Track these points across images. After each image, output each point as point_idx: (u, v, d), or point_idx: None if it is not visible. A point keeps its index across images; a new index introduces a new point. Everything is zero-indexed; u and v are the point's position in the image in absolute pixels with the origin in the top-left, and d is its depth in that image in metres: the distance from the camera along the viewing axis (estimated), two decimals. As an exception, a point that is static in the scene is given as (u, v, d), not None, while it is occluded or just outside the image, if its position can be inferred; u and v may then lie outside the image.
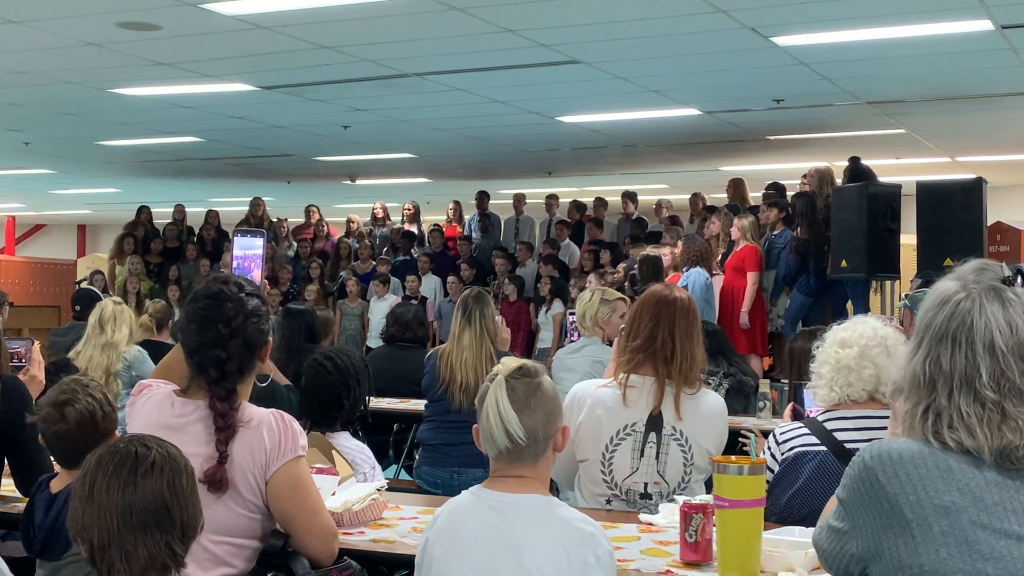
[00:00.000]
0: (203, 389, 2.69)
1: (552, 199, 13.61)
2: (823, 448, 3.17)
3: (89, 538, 2.06)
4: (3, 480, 3.59)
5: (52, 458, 3.34)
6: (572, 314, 6.63)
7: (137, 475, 2.07)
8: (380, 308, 11.71)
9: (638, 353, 3.50)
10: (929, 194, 8.96)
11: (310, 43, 7.74)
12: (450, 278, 12.10)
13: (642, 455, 3.44)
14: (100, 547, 2.05)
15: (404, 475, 6.82)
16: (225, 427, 2.62)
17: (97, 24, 7.23)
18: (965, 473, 1.81)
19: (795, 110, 10.20)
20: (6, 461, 3.54)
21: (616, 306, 6.08)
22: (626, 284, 9.83)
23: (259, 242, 3.44)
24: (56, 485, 3.22)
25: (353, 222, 14.69)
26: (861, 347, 3.17)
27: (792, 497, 3.20)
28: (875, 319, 3.29)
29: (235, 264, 3.39)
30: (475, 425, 2.46)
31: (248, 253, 3.40)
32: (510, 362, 2.47)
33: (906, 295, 6.50)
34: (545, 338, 11.44)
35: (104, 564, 2.06)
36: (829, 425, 3.21)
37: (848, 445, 3.15)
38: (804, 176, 10.35)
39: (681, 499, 2.92)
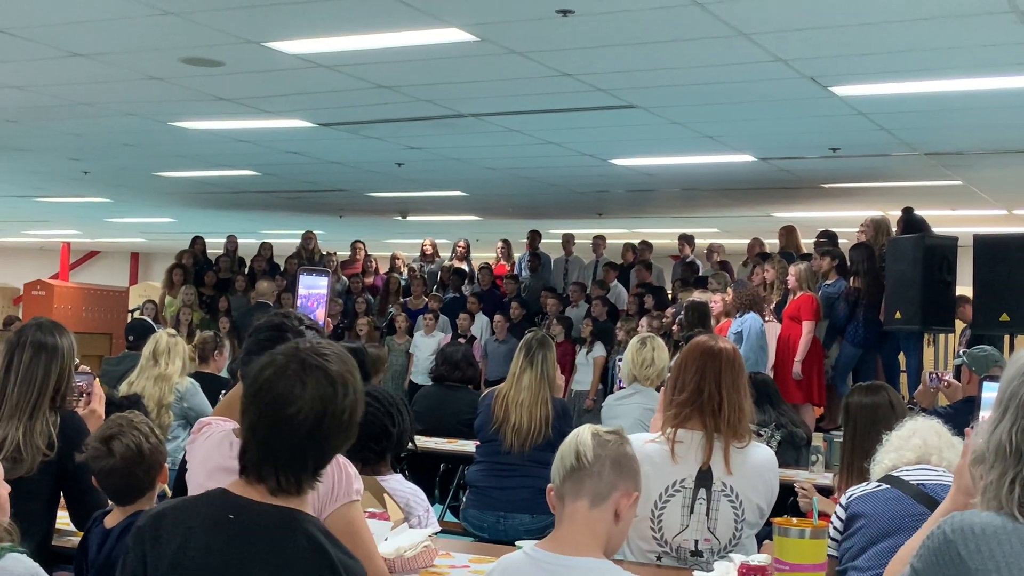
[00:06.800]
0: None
1: (599, 239, 13.57)
2: (885, 484, 3.27)
3: None
4: (59, 513, 3.62)
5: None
6: (620, 359, 6.58)
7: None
8: (427, 344, 11.68)
9: (685, 407, 3.46)
10: (986, 247, 8.83)
11: (368, 82, 7.82)
12: (497, 317, 11.96)
13: (692, 512, 3.39)
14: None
15: (449, 516, 6.80)
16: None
17: (161, 59, 7.35)
18: None
19: (851, 159, 10.12)
20: (62, 495, 3.57)
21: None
22: (674, 328, 9.76)
23: (323, 281, 3.47)
24: (110, 521, 3.24)
25: (398, 258, 14.75)
26: (914, 427, 3.37)
27: (857, 533, 3.26)
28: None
29: (299, 303, 3.42)
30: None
31: (312, 292, 3.43)
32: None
33: (963, 351, 6.41)
34: (582, 380, 11.09)
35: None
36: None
37: (907, 478, 3.26)
38: (861, 225, 10.26)
39: (738, 558, 2.88)
